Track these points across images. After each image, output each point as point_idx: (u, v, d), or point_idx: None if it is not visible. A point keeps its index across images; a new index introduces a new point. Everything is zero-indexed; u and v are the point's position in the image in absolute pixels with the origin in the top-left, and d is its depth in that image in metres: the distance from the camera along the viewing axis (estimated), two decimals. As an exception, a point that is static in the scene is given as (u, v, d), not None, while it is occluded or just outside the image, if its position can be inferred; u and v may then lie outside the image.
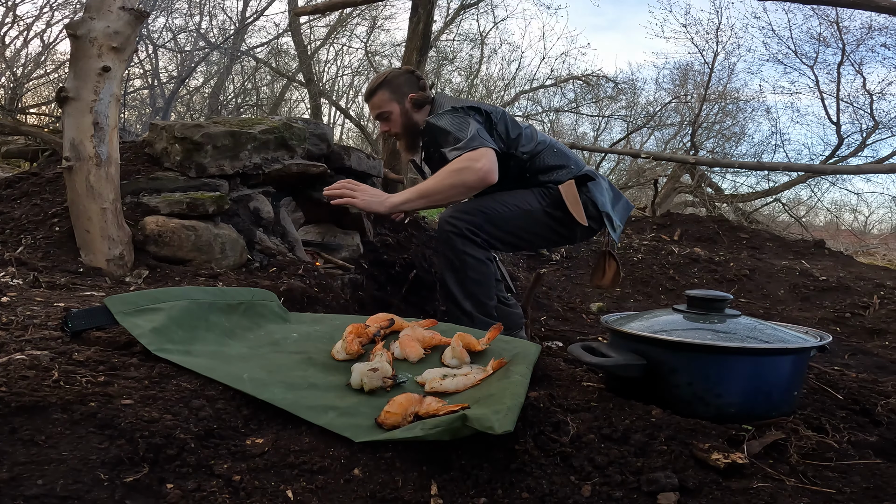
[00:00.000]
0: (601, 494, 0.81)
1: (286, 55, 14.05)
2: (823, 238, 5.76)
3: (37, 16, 10.12)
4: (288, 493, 0.79)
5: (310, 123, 2.55)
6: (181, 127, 2.15)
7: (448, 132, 1.95)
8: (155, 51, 11.87)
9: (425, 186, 1.91)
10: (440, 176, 1.88)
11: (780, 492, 0.81)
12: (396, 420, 0.94)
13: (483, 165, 1.84)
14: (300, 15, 9.34)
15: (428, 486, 0.82)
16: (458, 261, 1.96)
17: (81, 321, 1.14)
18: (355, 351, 1.25)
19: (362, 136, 14.10)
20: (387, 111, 2.11)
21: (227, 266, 1.97)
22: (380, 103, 2.13)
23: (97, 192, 1.76)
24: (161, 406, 0.89)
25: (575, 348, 1.12)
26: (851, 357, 2.53)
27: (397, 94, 2.12)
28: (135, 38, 1.89)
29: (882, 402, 1.16)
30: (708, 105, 11.12)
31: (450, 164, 1.88)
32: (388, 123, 2.14)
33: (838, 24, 9.82)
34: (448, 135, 1.95)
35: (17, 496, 0.69)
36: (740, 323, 1.12)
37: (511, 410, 0.89)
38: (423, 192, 1.89)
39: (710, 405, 1.03)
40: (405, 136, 2.16)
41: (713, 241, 4.77)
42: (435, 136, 1.99)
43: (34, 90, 9.99)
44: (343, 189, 1.89)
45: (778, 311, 3.37)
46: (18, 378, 0.87)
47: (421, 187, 1.91)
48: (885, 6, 3.34)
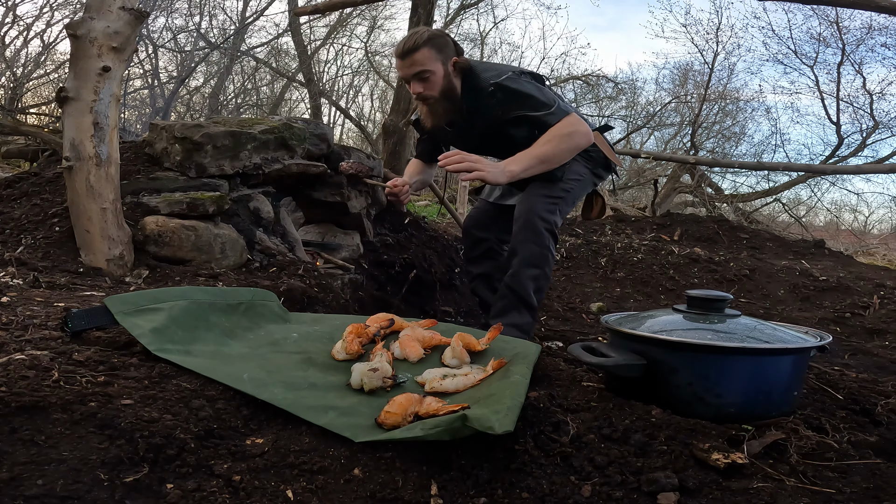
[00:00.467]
0: (601, 494, 0.81)
1: (286, 55, 14.07)
2: (823, 238, 5.76)
3: (37, 16, 10.14)
4: (288, 493, 0.79)
5: (310, 123, 2.55)
6: (181, 127, 2.15)
7: (531, 95, 1.92)
8: (155, 51, 11.88)
9: (542, 152, 1.86)
10: (553, 141, 1.86)
11: (780, 492, 0.81)
12: (396, 420, 0.94)
13: (587, 129, 1.91)
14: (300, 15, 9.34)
15: (428, 486, 0.82)
16: (541, 257, 1.95)
17: (81, 321, 1.14)
18: (355, 351, 1.25)
19: (362, 136, 14.10)
20: (429, 70, 1.94)
21: (227, 266, 1.97)
22: (423, 60, 1.94)
23: (97, 192, 1.76)
24: (161, 406, 0.89)
25: (575, 348, 1.12)
26: (851, 357, 2.53)
27: (442, 54, 1.97)
28: (135, 38, 1.89)
29: (882, 402, 1.16)
30: (708, 105, 11.13)
31: (557, 129, 1.86)
32: (425, 85, 1.96)
33: (838, 24, 9.84)
34: (531, 98, 1.91)
35: (17, 496, 0.69)
36: (740, 323, 1.12)
37: (511, 410, 0.89)
38: (543, 158, 1.86)
39: (710, 405, 1.03)
40: (441, 101, 2.01)
41: (713, 241, 4.77)
42: (513, 100, 1.93)
43: (34, 90, 10.00)
44: (465, 162, 1.79)
45: (778, 311, 3.36)
46: (18, 378, 0.87)
47: (538, 153, 1.86)
48: (885, 6, 3.34)
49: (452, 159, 1.80)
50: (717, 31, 12.86)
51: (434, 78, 1.96)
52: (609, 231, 4.94)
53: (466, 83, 2.02)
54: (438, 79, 1.97)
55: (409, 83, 2.02)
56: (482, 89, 1.98)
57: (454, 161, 1.80)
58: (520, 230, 1.98)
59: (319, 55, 13.82)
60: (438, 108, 2.04)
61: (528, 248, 1.96)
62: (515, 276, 1.97)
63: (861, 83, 10.62)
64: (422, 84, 1.97)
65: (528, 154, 1.86)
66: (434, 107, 2.03)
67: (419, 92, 1.98)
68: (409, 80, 1.99)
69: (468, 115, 2.06)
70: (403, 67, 1.99)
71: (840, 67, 10.15)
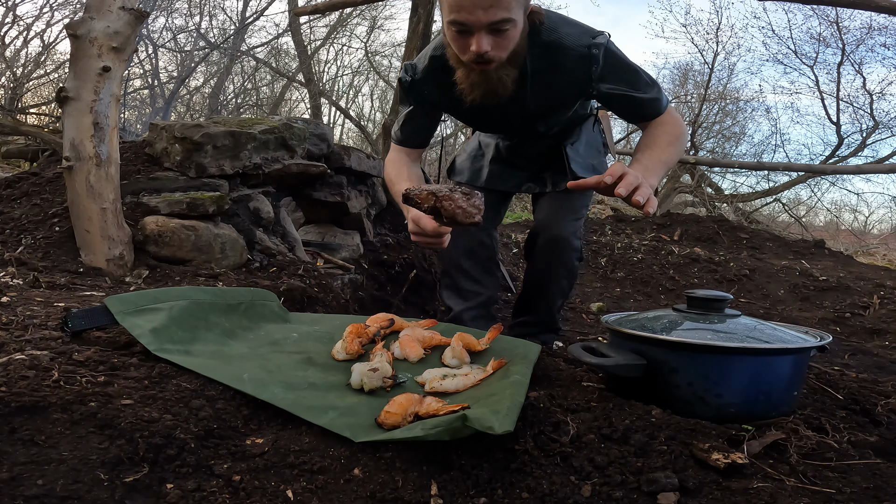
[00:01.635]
0: (601, 494, 0.81)
1: (286, 55, 14.06)
2: (823, 238, 5.76)
3: (37, 16, 10.14)
4: (288, 493, 0.79)
5: (310, 123, 2.55)
6: (181, 127, 2.15)
7: (636, 70, 1.56)
8: (155, 51, 11.88)
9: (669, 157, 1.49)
10: (676, 143, 1.52)
11: (780, 492, 0.81)
12: (396, 420, 0.94)
13: None
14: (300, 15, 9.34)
15: (428, 486, 0.82)
16: (571, 286, 1.90)
17: (81, 321, 1.14)
18: (355, 351, 1.25)
19: (362, 136, 14.10)
20: (512, 19, 1.37)
21: (227, 266, 1.97)
22: (508, 4, 1.35)
23: (97, 192, 1.76)
24: (161, 406, 0.89)
25: (575, 348, 1.12)
26: (851, 357, 2.53)
27: (522, 3, 1.41)
28: (135, 38, 1.89)
29: (882, 402, 1.16)
30: (708, 105, 11.13)
31: (675, 126, 1.55)
32: (498, 40, 1.39)
33: (838, 24, 9.84)
34: (637, 74, 1.55)
35: (17, 496, 0.69)
36: (740, 323, 1.12)
37: (511, 410, 0.89)
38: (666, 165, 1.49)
39: (710, 405, 1.03)
40: (505, 66, 1.46)
41: (713, 241, 4.77)
42: (619, 70, 1.54)
43: (34, 90, 9.99)
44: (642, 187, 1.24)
45: (778, 311, 3.36)
46: (18, 378, 0.87)
47: (665, 158, 1.48)
48: (885, 6, 3.34)
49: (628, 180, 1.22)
50: (717, 31, 12.91)
51: (513, 32, 1.40)
52: (609, 231, 4.94)
53: (534, 41, 1.51)
54: (516, 34, 1.42)
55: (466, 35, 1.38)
56: (565, 50, 1.51)
57: (630, 183, 1.22)
58: (554, 260, 1.85)
59: (319, 55, 13.83)
60: (499, 77, 1.47)
61: (562, 282, 1.88)
62: (550, 309, 1.92)
63: (861, 83, 10.65)
64: (494, 39, 1.38)
65: (657, 160, 1.46)
66: (492, 74, 1.46)
67: (485, 51, 1.38)
68: (477, 28, 1.36)
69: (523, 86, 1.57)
70: (476, 8, 1.33)
71: (840, 67, 10.16)
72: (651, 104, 1.56)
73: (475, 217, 1.19)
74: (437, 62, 1.62)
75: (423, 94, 1.71)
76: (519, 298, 2.08)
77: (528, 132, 1.83)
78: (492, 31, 1.37)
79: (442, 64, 1.58)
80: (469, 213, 1.18)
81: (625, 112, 1.65)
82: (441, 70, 1.58)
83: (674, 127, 1.56)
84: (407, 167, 1.74)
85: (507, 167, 1.99)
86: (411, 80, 1.70)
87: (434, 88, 1.67)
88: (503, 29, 1.37)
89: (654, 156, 1.47)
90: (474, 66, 1.45)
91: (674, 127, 1.56)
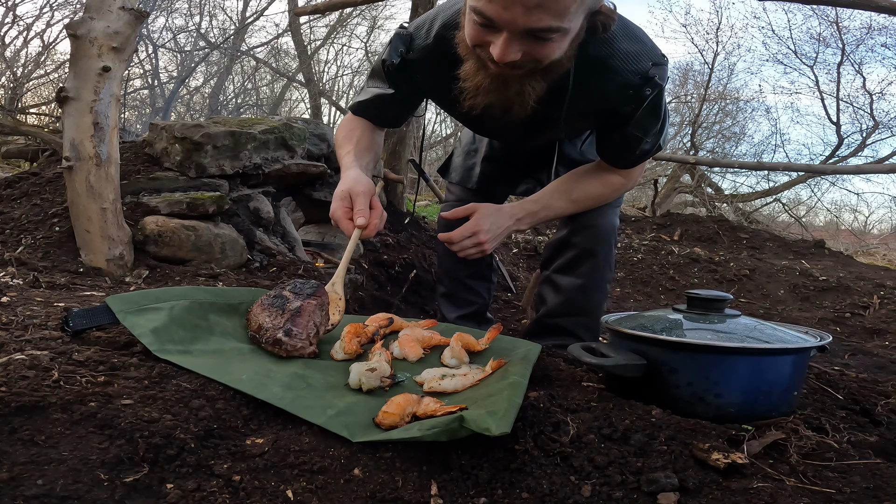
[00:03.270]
0: (601, 494, 0.81)
1: (286, 55, 14.06)
2: (823, 238, 5.76)
3: (37, 16, 10.15)
4: (288, 493, 0.79)
5: (310, 123, 2.55)
6: (181, 127, 2.15)
7: (660, 119, 1.32)
8: (155, 51, 11.88)
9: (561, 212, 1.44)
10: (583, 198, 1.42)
11: (780, 492, 0.81)
12: (394, 420, 0.94)
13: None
14: (300, 15, 9.33)
15: (428, 486, 0.82)
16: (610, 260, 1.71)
17: (82, 320, 1.14)
18: (354, 350, 1.25)
19: (362, 136, 14.07)
20: (563, 28, 1.04)
21: (227, 266, 1.97)
22: (568, 5, 1.01)
23: (97, 192, 1.76)
24: (161, 406, 0.89)
25: (575, 348, 1.12)
26: (851, 357, 2.52)
27: (586, 5, 1.06)
28: (135, 38, 1.89)
29: (882, 402, 1.16)
30: (708, 105, 11.13)
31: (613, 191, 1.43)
32: (537, 46, 1.06)
33: (838, 24, 9.84)
34: (657, 124, 1.32)
35: (17, 496, 0.69)
36: (740, 323, 1.12)
37: (508, 412, 0.89)
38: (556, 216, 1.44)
39: (710, 405, 1.03)
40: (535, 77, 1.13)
41: (713, 241, 4.77)
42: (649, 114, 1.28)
43: (34, 90, 9.99)
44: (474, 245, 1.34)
45: (778, 311, 3.36)
46: (18, 378, 0.87)
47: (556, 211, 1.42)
48: (885, 6, 3.34)
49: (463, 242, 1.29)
50: (717, 31, 12.93)
51: (560, 42, 1.08)
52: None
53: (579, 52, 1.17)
54: (564, 44, 1.09)
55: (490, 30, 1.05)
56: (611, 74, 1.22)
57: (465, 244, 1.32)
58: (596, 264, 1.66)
59: (319, 55, 13.83)
60: (521, 89, 1.15)
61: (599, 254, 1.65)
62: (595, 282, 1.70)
63: (861, 83, 10.66)
64: (529, 45, 1.06)
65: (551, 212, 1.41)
66: (513, 83, 1.14)
67: (511, 60, 1.06)
68: (509, 30, 1.03)
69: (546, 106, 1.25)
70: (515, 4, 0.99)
71: (840, 67, 10.17)
72: (636, 159, 1.40)
73: (306, 352, 1.17)
74: (444, 46, 1.26)
75: (411, 79, 1.38)
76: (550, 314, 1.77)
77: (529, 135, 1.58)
78: (527, 36, 1.04)
79: (450, 49, 1.23)
80: (295, 354, 1.16)
81: (607, 149, 1.41)
82: (445, 56, 1.25)
83: (614, 191, 1.44)
84: (360, 139, 1.43)
85: (501, 167, 1.83)
86: (401, 60, 1.35)
87: (428, 74, 1.35)
88: (545, 38, 1.04)
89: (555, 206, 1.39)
90: (490, 66, 1.11)
91: (614, 191, 1.44)
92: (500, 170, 1.84)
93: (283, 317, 1.17)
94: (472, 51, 1.14)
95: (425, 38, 1.33)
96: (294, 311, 1.17)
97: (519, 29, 1.02)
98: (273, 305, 1.22)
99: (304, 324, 1.18)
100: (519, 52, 1.05)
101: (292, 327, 1.16)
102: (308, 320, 1.18)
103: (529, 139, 1.58)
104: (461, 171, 1.91)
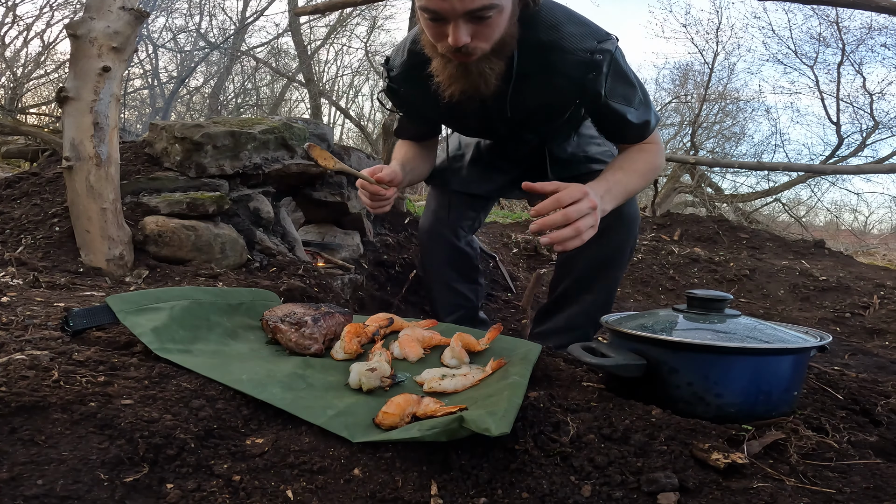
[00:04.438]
0: (601, 494, 0.81)
1: (286, 55, 14.07)
2: (823, 238, 5.75)
3: (37, 16, 10.15)
4: (288, 493, 0.79)
5: (310, 123, 2.55)
6: (181, 127, 2.15)
7: (634, 86, 1.38)
8: (155, 51, 11.89)
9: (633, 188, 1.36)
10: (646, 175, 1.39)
11: (780, 492, 0.81)
12: (394, 421, 0.94)
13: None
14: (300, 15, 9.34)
15: (428, 486, 0.82)
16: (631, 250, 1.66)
17: (83, 320, 1.14)
18: (354, 350, 1.25)
19: (362, 136, 14.10)
20: (496, 4, 1.18)
21: (227, 266, 1.97)
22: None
23: (97, 192, 1.76)
24: (161, 406, 0.89)
25: (575, 348, 1.12)
26: (851, 357, 2.52)
27: None
28: (135, 38, 1.89)
29: (882, 402, 1.16)
30: (708, 105, 11.14)
31: (653, 157, 1.42)
32: (481, 27, 1.21)
33: (838, 24, 9.85)
34: (635, 90, 1.38)
35: (17, 496, 0.69)
36: (740, 323, 1.12)
37: (508, 412, 0.89)
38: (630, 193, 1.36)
39: (710, 405, 1.03)
40: (490, 59, 1.28)
41: (713, 241, 4.77)
42: (617, 85, 1.35)
43: (34, 90, 10.00)
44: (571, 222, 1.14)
45: (778, 311, 3.36)
46: (18, 378, 0.87)
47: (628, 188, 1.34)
48: (885, 6, 3.34)
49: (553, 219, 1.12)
50: (717, 31, 12.94)
51: (498, 19, 1.21)
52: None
53: (528, 37, 1.32)
54: (503, 21, 1.23)
55: (441, 23, 1.21)
56: (564, 53, 1.32)
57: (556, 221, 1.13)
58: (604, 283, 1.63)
59: (319, 55, 13.85)
60: (480, 71, 1.29)
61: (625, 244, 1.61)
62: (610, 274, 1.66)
63: (861, 83, 10.66)
64: (474, 28, 1.20)
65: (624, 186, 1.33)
66: (473, 67, 1.28)
67: (464, 42, 1.20)
68: (453, 17, 1.18)
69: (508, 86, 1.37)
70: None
71: (840, 67, 10.18)
72: (639, 127, 1.40)
73: (311, 348, 1.24)
74: (416, 57, 1.43)
75: (403, 97, 1.55)
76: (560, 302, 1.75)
77: (514, 139, 1.67)
78: (471, 19, 1.18)
79: (421, 59, 1.39)
80: (302, 345, 1.23)
81: (610, 130, 1.47)
82: (420, 66, 1.40)
83: (654, 156, 1.42)
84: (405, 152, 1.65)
85: (487, 169, 1.81)
86: (388, 84, 1.55)
87: (412, 87, 1.48)
88: (485, 16, 1.18)
89: (622, 179, 1.33)
90: (452, 58, 1.27)
91: (654, 156, 1.42)
92: (486, 173, 1.83)
93: (317, 311, 1.31)
94: (435, 49, 1.30)
95: (400, 57, 1.51)
96: (327, 312, 1.32)
97: (460, 13, 1.17)
98: (309, 305, 1.38)
99: (328, 325, 1.30)
100: (468, 36, 1.20)
101: (321, 318, 1.29)
102: (333, 324, 1.31)
103: (515, 135, 1.62)
104: (447, 174, 1.88)
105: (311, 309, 1.33)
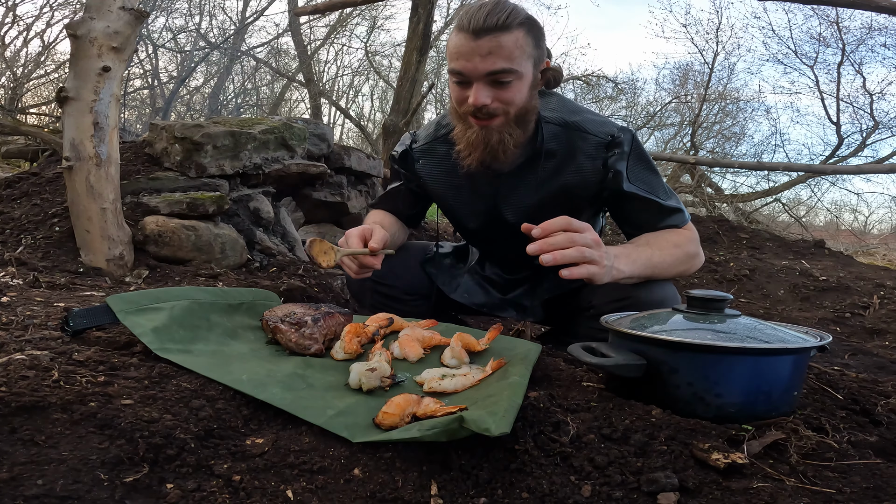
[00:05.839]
0: (601, 494, 0.81)
1: (286, 55, 14.08)
2: (823, 238, 5.76)
3: (37, 16, 10.15)
4: (288, 493, 0.79)
5: (310, 123, 2.55)
6: (181, 127, 2.15)
7: (657, 174, 1.39)
8: (155, 51, 11.89)
9: (658, 261, 1.31)
10: (675, 252, 1.34)
11: (780, 492, 0.81)
12: (394, 421, 0.94)
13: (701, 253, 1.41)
14: (300, 15, 9.34)
15: (428, 486, 0.82)
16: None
17: (83, 320, 1.14)
18: (354, 350, 1.25)
19: (362, 136, 14.10)
20: (516, 71, 1.24)
21: (227, 266, 1.97)
22: (513, 51, 1.23)
23: (97, 192, 1.76)
24: (161, 406, 0.89)
25: (575, 348, 1.12)
26: (851, 357, 2.52)
27: (538, 50, 1.30)
28: (135, 38, 1.89)
29: (882, 402, 1.16)
30: (708, 105, 11.14)
31: (686, 245, 1.36)
32: (500, 93, 1.26)
33: (838, 24, 9.85)
34: (658, 178, 1.39)
35: (17, 496, 0.69)
36: (740, 323, 1.12)
37: (508, 412, 0.89)
38: (655, 267, 1.31)
39: (710, 405, 1.03)
40: (510, 125, 1.31)
41: (713, 241, 4.77)
42: (640, 169, 1.37)
43: (34, 90, 10.00)
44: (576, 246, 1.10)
45: (778, 311, 3.36)
46: (18, 378, 0.87)
47: (652, 259, 1.30)
48: (885, 6, 3.34)
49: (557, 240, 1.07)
50: (717, 31, 12.94)
51: (518, 84, 1.26)
52: (609, 231, 4.95)
53: (552, 119, 1.39)
54: (523, 88, 1.28)
55: (465, 86, 1.28)
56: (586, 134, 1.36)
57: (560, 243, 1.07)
58: None
59: (319, 55, 13.84)
60: (501, 138, 1.31)
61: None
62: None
63: (861, 83, 10.66)
64: (495, 91, 1.26)
65: (644, 258, 1.28)
66: (493, 133, 1.31)
67: (484, 104, 1.25)
68: (475, 78, 1.24)
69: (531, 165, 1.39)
70: (474, 55, 1.22)
71: (840, 67, 10.17)
72: (673, 213, 1.36)
73: (311, 348, 1.24)
74: (443, 133, 1.52)
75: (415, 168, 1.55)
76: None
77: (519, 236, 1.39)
78: (492, 83, 1.25)
79: (447, 136, 1.47)
80: (302, 345, 1.24)
81: (643, 217, 1.38)
82: (444, 142, 1.49)
83: (685, 239, 1.35)
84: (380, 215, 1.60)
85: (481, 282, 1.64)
86: (408, 146, 1.57)
87: (429, 160, 1.54)
88: (504, 80, 1.24)
89: (644, 250, 1.28)
90: (473, 122, 1.31)
91: (685, 239, 1.35)
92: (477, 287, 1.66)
93: (317, 311, 1.32)
94: (458, 115, 1.36)
95: (427, 130, 1.58)
96: (327, 312, 1.32)
97: (481, 74, 1.24)
98: (309, 305, 1.38)
99: (328, 325, 1.30)
100: (488, 97, 1.26)
101: (321, 318, 1.29)
102: (333, 324, 1.32)
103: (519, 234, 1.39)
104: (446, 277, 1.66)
105: (311, 309, 1.33)
